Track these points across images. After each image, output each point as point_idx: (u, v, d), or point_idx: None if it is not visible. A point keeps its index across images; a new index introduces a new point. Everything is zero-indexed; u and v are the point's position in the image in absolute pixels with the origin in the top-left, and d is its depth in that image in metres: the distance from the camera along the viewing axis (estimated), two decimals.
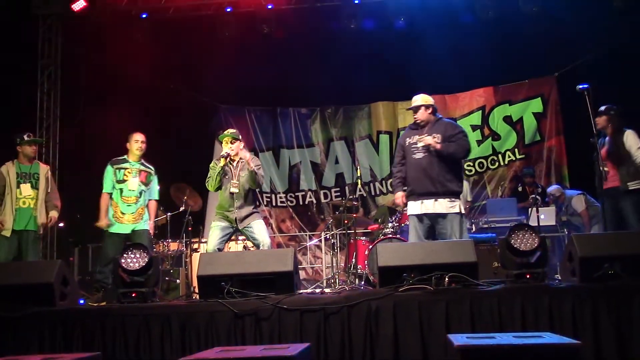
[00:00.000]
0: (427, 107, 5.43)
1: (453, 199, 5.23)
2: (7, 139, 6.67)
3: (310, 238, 9.64)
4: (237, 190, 5.59)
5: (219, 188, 5.68)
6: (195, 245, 7.21)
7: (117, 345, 4.04)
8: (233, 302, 4.05)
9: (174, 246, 7.28)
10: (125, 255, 4.26)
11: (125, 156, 6.32)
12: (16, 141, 6.44)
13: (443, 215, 5.19)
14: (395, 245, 4.74)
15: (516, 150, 9.97)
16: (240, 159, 5.74)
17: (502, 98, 10.14)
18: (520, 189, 8.88)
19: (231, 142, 5.66)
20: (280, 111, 10.52)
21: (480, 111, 10.13)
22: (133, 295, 4.22)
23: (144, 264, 4.23)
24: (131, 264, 4.24)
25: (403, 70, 9.56)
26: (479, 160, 9.99)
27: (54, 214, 6.44)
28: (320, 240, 8.58)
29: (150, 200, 6.35)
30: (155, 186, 6.41)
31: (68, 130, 9.57)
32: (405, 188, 5.52)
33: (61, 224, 9.57)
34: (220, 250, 5.55)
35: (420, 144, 5.31)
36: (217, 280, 4.15)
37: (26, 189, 6.32)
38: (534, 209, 7.15)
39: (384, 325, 3.88)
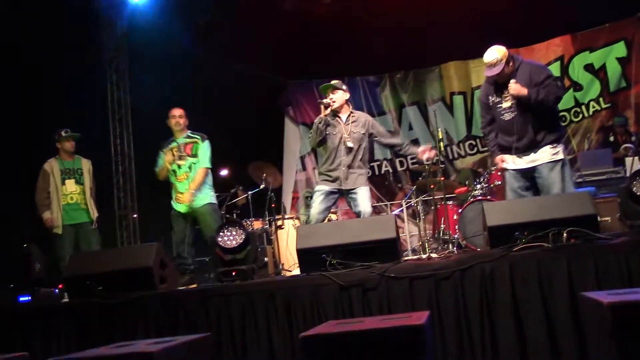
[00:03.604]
0: (506, 62, 4.78)
1: (554, 145, 4.81)
2: (82, 133, 6.69)
3: (389, 208, 9.41)
4: (350, 145, 5.28)
5: (322, 143, 5.36)
6: (279, 222, 7.09)
7: (222, 325, 3.96)
8: (337, 274, 3.89)
9: (257, 224, 7.19)
10: (221, 233, 4.15)
11: (172, 137, 6.18)
12: (55, 138, 6.41)
13: (541, 166, 4.80)
14: (504, 203, 4.45)
15: (601, 99, 9.38)
16: (351, 113, 5.44)
17: (581, 46, 9.52)
18: (611, 139, 8.36)
19: (332, 93, 5.37)
20: (347, 81, 10.14)
21: (559, 62, 9.56)
22: (233, 273, 4.11)
23: (242, 241, 4.12)
24: (228, 242, 4.14)
25: (472, 26, 9.12)
26: (561, 114, 9.45)
27: (95, 213, 6.41)
28: (402, 210, 8.33)
29: (198, 168, 6.03)
30: (202, 153, 6.08)
31: (141, 118, 9.62)
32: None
33: (134, 215, 9.71)
34: (323, 219, 5.32)
35: (505, 104, 4.84)
36: (318, 252, 3.99)
37: (71, 184, 6.30)
38: (634, 158, 6.67)
39: (501, 287, 3.64)
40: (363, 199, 5.30)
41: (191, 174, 6.00)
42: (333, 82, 5.49)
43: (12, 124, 7.71)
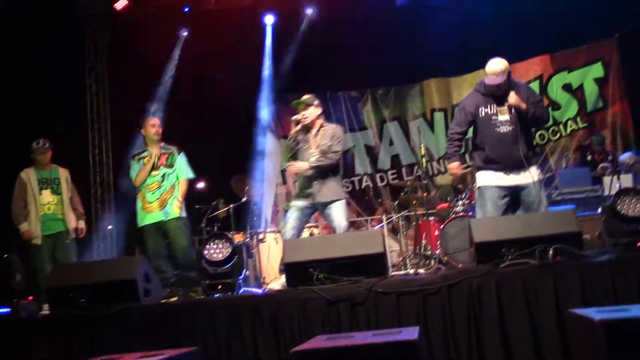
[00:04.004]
0: (509, 73, 4.93)
1: (538, 166, 4.99)
2: (57, 144, 6.56)
3: (369, 223, 9.43)
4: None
5: (294, 159, 5.35)
6: (261, 236, 7.05)
7: (207, 338, 3.91)
8: (324, 288, 3.88)
9: (238, 238, 7.13)
10: (208, 246, 4.12)
11: (144, 147, 6.14)
12: (31, 148, 6.29)
13: (529, 185, 4.86)
14: (491, 219, 4.48)
15: (578, 118, 9.56)
16: (322, 126, 5.41)
17: (559, 65, 9.71)
18: (589, 157, 8.49)
19: (304, 109, 5.36)
20: (329, 95, 10.25)
21: (538, 81, 9.72)
22: (220, 287, 4.08)
23: (228, 254, 4.09)
24: (214, 255, 4.11)
25: (453, 44, 9.23)
26: (539, 132, 9.56)
27: (82, 225, 6.39)
28: (383, 225, 8.35)
29: (181, 179, 6.07)
30: (183, 165, 6.12)
31: (120, 129, 9.52)
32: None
33: (110, 226, 9.58)
34: (297, 235, 5.24)
35: (502, 117, 4.90)
36: (305, 266, 3.98)
37: (47, 194, 6.20)
38: (612, 177, 6.79)
39: (488, 303, 3.66)
40: (337, 213, 5.19)
41: (164, 184, 5.96)
42: (304, 97, 5.47)
43: None
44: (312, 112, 5.38)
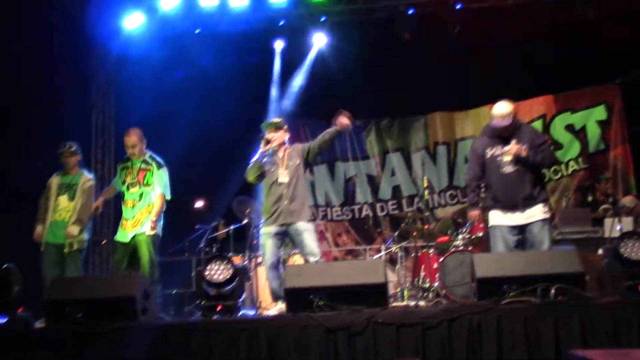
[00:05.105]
0: (514, 115, 5.05)
1: (545, 204, 4.99)
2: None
3: (367, 252, 9.40)
4: (287, 180, 5.25)
5: (260, 178, 5.37)
6: (260, 259, 7.02)
7: None
8: (324, 316, 3.86)
9: (237, 260, 7.08)
10: (209, 267, 4.10)
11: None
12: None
13: (533, 223, 4.89)
14: (493, 255, 4.50)
15: (580, 159, 9.61)
16: (286, 149, 5.45)
17: (563, 106, 9.79)
18: (590, 198, 8.50)
19: (274, 131, 5.40)
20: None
21: (541, 120, 9.80)
22: (218, 308, 4.05)
23: (229, 276, 4.07)
24: (215, 276, 4.08)
25: (459, 80, 9.33)
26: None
27: (72, 229, 5.83)
28: (382, 255, 8.32)
29: (158, 194, 5.77)
30: (162, 181, 5.81)
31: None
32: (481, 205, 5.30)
33: (104, 241, 9.52)
34: (277, 262, 5.19)
35: (507, 158, 4.97)
36: (306, 293, 3.97)
37: (64, 200, 5.96)
38: (614, 219, 6.79)
39: (488, 340, 3.65)
40: (309, 240, 5.13)
41: (140, 203, 5.77)
42: (274, 120, 5.60)
43: None
44: (280, 136, 5.46)
